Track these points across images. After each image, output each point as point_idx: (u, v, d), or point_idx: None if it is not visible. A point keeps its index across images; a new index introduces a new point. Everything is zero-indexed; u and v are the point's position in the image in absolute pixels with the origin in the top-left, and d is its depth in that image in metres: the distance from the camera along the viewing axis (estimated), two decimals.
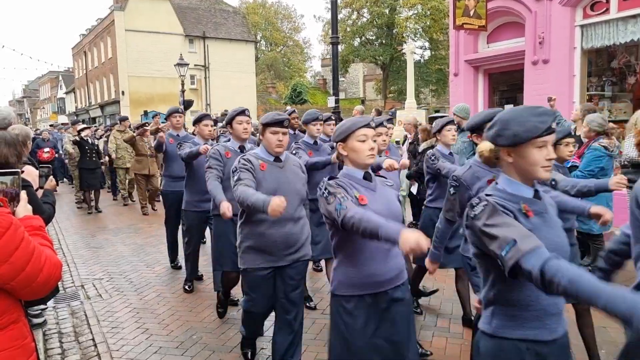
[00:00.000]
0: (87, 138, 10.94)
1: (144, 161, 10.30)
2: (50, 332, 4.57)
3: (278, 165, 3.33)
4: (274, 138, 3.26)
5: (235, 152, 4.08)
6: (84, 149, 10.87)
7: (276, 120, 3.27)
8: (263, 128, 3.30)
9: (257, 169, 3.25)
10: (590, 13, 8.51)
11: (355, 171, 2.52)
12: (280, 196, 3.06)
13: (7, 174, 1.98)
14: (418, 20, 40.14)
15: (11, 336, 1.69)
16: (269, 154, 3.33)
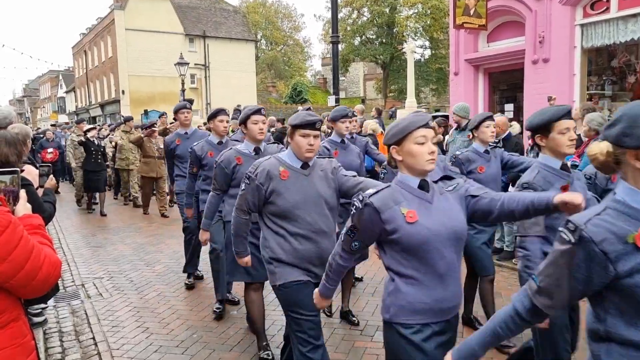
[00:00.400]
0: (93, 139, 10.49)
1: (152, 163, 9.99)
2: (50, 331, 4.58)
3: (303, 173, 2.91)
4: (305, 142, 2.84)
5: (249, 157, 3.75)
6: (89, 150, 10.38)
7: (307, 122, 2.85)
8: (292, 130, 2.89)
9: (276, 178, 2.86)
10: (591, 12, 8.51)
11: (411, 179, 2.15)
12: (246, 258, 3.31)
13: (6, 172, 1.99)
14: (418, 19, 40.13)
15: (11, 335, 1.69)
16: (297, 159, 2.92)
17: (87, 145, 10.32)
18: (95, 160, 10.37)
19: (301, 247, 2.87)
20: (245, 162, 3.71)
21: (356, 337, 4.21)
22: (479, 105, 10.55)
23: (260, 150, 3.86)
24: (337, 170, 3.03)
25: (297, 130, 2.88)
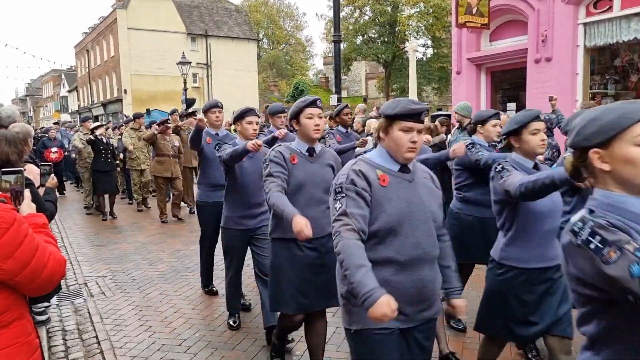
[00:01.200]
0: (101, 137, 9.70)
1: (166, 162, 9.32)
2: (53, 329, 4.59)
3: (407, 179, 2.27)
4: (406, 138, 2.19)
5: (304, 157, 3.22)
6: (98, 149, 9.65)
7: (413, 112, 2.19)
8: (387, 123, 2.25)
9: (375, 185, 2.21)
10: (593, 11, 8.50)
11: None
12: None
13: (10, 172, 2.00)
14: (420, 18, 40.05)
15: (15, 333, 1.70)
16: (392, 160, 2.27)
17: (96, 144, 9.62)
18: (104, 160, 9.74)
19: (396, 279, 2.16)
20: (301, 164, 3.18)
21: None
22: (481, 105, 10.53)
23: (315, 152, 3.26)
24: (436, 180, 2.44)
25: (395, 122, 2.21)
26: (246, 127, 4.12)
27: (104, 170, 9.74)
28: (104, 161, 9.70)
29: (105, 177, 9.76)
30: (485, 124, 4.04)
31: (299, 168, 3.16)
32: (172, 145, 9.41)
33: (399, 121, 2.20)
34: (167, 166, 9.32)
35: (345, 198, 2.14)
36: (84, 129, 10.93)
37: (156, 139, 9.33)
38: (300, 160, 3.19)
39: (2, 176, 1.98)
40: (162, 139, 9.38)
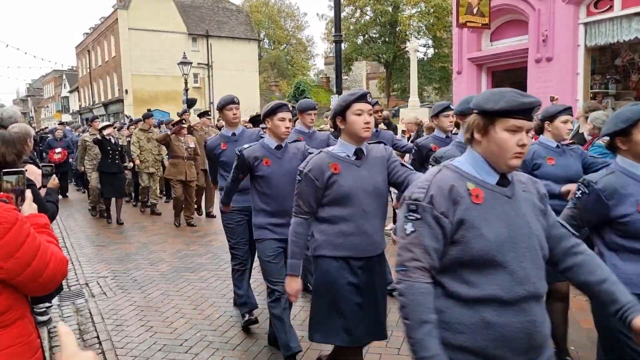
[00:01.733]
0: (109, 137, 9.19)
1: (180, 165, 8.81)
2: (55, 329, 4.59)
3: (505, 194, 1.76)
4: (514, 141, 1.70)
5: (350, 163, 2.75)
6: (105, 150, 9.13)
7: (524, 107, 1.70)
8: (486, 121, 1.74)
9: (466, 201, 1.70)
10: (594, 10, 8.50)
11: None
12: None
13: (12, 173, 2.00)
14: (421, 18, 40.07)
15: (17, 333, 1.70)
16: (491, 170, 1.76)
17: (103, 145, 9.10)
18: (112, 162, 9.17)
19: (501, 321, 1.66)
20: (345, 170, 2.72)
21: None
22: None
23: (363, 154, 2.79)
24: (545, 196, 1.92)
25: (499, 120, 1.72)
26: (278, 124, 3.61)
27: (111, 171, 9.21)
28: (111, 162, 9.17)
29: (113, 179, 9.23)
30: (554, 120, 3.59)
31: (344, 176, 2.70)
32: (186, 146, 8.89)
33: (503, 119, 1.71)
34: (181, 169, 8.80)
35: (421, 223, 1.69)
36: (92, 130, 10.45)
37: (170, 140, 8.83)
38: (345, 166, 2.72)
39: (3, 177, 1.98)
40: (176, 140, 8.87)
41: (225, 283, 5.72)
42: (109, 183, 9.22)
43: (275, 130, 3.64)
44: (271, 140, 3.68)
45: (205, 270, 6.27)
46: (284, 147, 3.70)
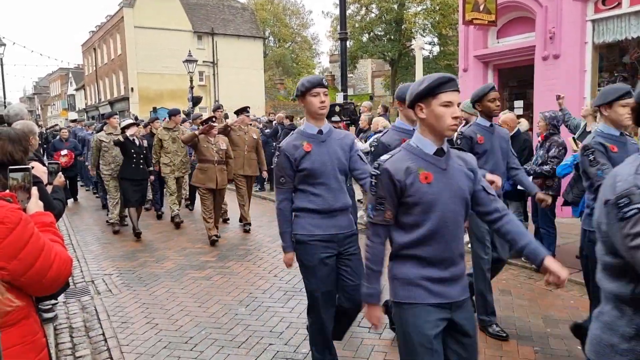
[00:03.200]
0: (133, 138, 7.93)
1: (210, 170, 7.50)
2: (61, 326, 4.61)
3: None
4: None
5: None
6: (128, 153, 7.91)
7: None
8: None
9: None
10: (602, 7, 8.42)
11: None
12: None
13: (18, 170, 2.00)
14: (427, 15, 39.92)
15: (22, 332, 1.70)
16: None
17: (126, 147, 7.85)
18: (136, 166, 7.97)
19: None
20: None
21: (364, 335, 4.20)
22: None
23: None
24: None
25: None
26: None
27: (135, 178, 7.98)
28: (134, 167, 7.95)
29: (135, 187, 8.02)
30: (612, 105, 3.19)
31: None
32: (217, 149, 7.63)
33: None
34: (210, 175, 7.50)
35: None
36: (109, 128, 8.84)
37: (198, 141, 7.57)
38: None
39: (9, 174, 1.98)
40: (204, 142, 7.58)
41: (231, 281, 5.73)
42: (132, 191, 8.00)
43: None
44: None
45: (211, 268, 6.28)
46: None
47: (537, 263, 2.17)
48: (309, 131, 3.20)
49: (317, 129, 3.20)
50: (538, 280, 5.51)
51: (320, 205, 3.16)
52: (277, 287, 5.48)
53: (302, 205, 3.21)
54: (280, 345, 4.05)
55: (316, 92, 3.11)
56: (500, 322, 4.39)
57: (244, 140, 8.41)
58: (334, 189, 3.18)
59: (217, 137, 7.72)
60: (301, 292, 5.30)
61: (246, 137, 8.46)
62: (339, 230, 3.22)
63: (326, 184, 3.16)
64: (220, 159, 7.63)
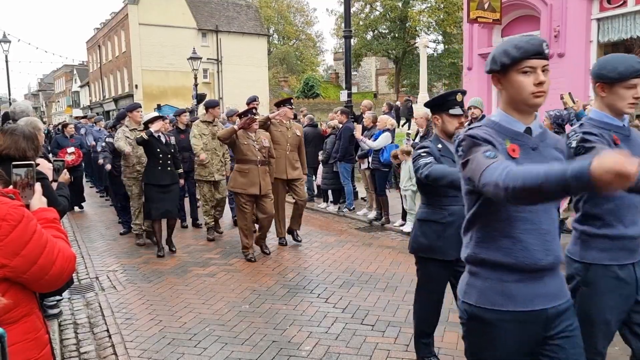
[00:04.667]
0: (158, 135, 6.68)
1: (252, 172, 6.34)
2: (65, 322, 4.63)
3: None
4: None
5: None
6: (154, 153, 6.65)
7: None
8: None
9: None
10: (607, 6, 8.40)
11: None
12: None
13: (21, 166, 2.01)
14: (431, 13, 39.85)
15: (24, 329, 1.70)
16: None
17: (151, 146, 6.63)
18: (162, 169, 6.70)
19: None
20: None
21: (368, 333, 4.21)
22: (492, 100, 10.46)
23: None
24: None
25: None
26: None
27: (163, 183, 6.70)
28: (161, 170, 6.71)
29: (164, 193, 6.72)
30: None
31: None
32: (260, 146, 6.47)
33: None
34: (252, 178, 6.35)
35: None
36: (131, 123, 7.43)
37: (237, 137, 6.39)
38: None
39: (12, 170, 1.99)
40: (244, 138, 6.40)
41: (234, 278, 5.75)
42: (160, 199, 6.68)
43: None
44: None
45: (214, 265, 6.30)
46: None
47: None
48: (511, 127, 1.94)
49: (525, 126, 1.94)
50: None
51: (520, 259, 1.86)
52: (281, 284, 5.49)
53: (487, 255, 1.91)
54: (283, 342, 4.06)
55: (531, 66, 1.86)
56: None
57: (286, 138, 7.06)
58: (545, 232, 1.88)
59: (258, 133, 6.53)
60: (304, 289, 5.32)
61: (289, 134, 7.10)
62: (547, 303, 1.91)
63: (534, 223, 1.85)
64: (263, 158, 6.44)
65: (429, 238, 3.33)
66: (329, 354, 3.86)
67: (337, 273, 5.85)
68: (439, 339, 4.04)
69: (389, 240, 7.38)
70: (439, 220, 3.30)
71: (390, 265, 6.06)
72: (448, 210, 3.28)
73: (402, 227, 7.73)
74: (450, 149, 3.19)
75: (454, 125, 3.27)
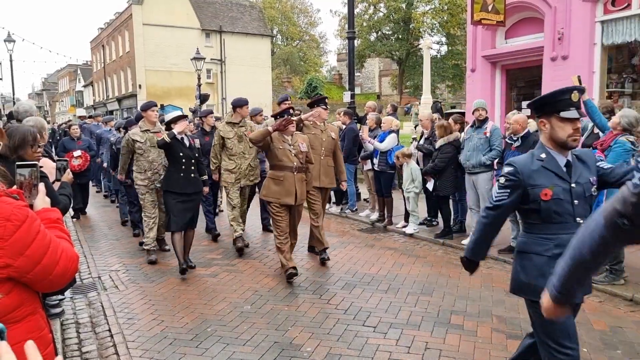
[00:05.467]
0: (182, 137, 5.83)
1: (288, 180, 5.57)
2: (67, 322, 4.64)
3: None
4: None
5: None
6: (176, 158, 5.83)
7: None
8: None
9: None
10: (611, 9, 8.37)
11: None
12: None
13: (25, 166, 2.01)
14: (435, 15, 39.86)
15: (28, 328, 1.71)
16: None
17: (174, 150, 5.79)
18: (186, 176, 5.82)
19: None
20: None
21: (369, 334, 4.20)
22: (495, 102, 10.44)
23: None
24: None
25: None
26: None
27: (185, 192, 5.83)
28: (184, 177, 5.82)
29: (185, 203, 5.85)
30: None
31: None
32: (297, 151, 5.67)
33: None
34: (288, 186, 5.57)
35: None
36: (145, 123, 6.52)
37: (271, 141, 5.60)
38: None
39: (17, 170, 2.00)
40: (279, 141, 5.64)
41: (237, 278, 5.75)
42: (180, 210, 5.84)
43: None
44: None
45: (216, 265, 6.30)
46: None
47: None
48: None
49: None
50: None
51: None
52: (283, 285, 5.49)
53: None
54: (285, 343, 4.06)
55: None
56: (506, 323, 4.39)
57: (320, 141, 6.42)
58: None
59: (295, 136, 5.73)
60: (306, 290, 5.31)
61: (323, 137, 6.44)
62: None
63: None
64: (300, 164, 5.67)
65: (530, 275, 2.67)
66: (330, 355, 3.86)
67: (340, 274, 5.85)
68: (441, 341, 4.03)
69: (392, 241, 7.37)
70: (542, 253, 2.63)
71: (392, 267, 6.06)
72: (554, 241, 2.59)
73: (405, 228, 7.72)
74: (558, 161, 2.63)
75: (567, 132, 2.58)
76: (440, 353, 3.83)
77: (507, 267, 6.07)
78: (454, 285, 5.38)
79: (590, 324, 4.38)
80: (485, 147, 6.56)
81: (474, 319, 4.49)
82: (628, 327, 4.29)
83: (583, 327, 4.30)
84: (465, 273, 2.90)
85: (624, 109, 5.41)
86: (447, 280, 5.51)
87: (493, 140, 6.52)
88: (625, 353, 3.84)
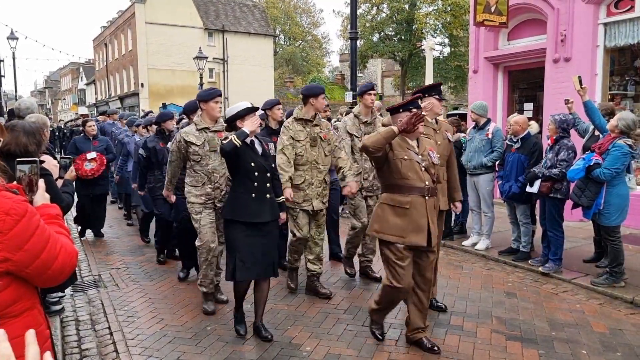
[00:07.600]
0: (252, 140, 4.15)
1: (417, 208, 3.82)
2: (67, 319, 4.65)
3: None
4: None
5: None
6: (245, 169, 4.06)
7: None
8: None
9: None
10: (614, 11, 8.36)
11: None
12: None
13: (25, 162, 2.01)
14: (438, 16, 39.79)
15: (26, 323, 1.70)
16: None
17: (242, 158, 3.96)
18: (259, 196, 4.01)
19: None
20: None
21: (369, 334, 4.20)
22: (497, 104, 10.44)
23: None
24: None
25: None
26: None
27: (259, 221, 4.02)
28: (257, 198, 4.02)
29: (260, 238, 4.04)
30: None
31: None
32: (427, 163, 3.90)
33: None
34: (418, 219, 3.77)
35: None
36: (203, 119, 4.70)
37: (391, 148, 3.98)
38: None
39: (17, 166, 2.00)
40: (403, 149, 4.06)
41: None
42: (254, 247, 4.01)
43: None
44: None
45: None
46: None
47: None
48: None
49: None
50: (544, 283, 5.49)
51: None
52: (283, 285, 5.48)
53: None
54: (285, 342, 4.06)
55: None
56: (506, 325, 4.39)
57: (434, 146, 4.37)
58: None
59: (422, 141, 3.96)
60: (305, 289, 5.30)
61: (438, 140, 4.64)
62: None
63: None
64: (432, 185, 3.85)
65: None
66: (329, 354, 3.85)
67: (339, 274, 5.84)
68: (440, 342, 4.03)
69: None
70: None
71: None
72: None
73: None
74: None
75: None
76: (439, 354, 3.82)
77: (507, 268, 6.06)
78: (454, 286, 5.38)
79: (590, 326, 4.37)
80: (487, 148, 6.56)
81: (473, 320, 4.49)
82: (628, 330, 4.28)
83: (583, 329, 4.30)
84: (465, 274, 2.90)
85: (622, 112, 5.41)
86: (447, 281, 5.51)
87: (495, 141, 6.51)
88: (625, 356, 3.83)
